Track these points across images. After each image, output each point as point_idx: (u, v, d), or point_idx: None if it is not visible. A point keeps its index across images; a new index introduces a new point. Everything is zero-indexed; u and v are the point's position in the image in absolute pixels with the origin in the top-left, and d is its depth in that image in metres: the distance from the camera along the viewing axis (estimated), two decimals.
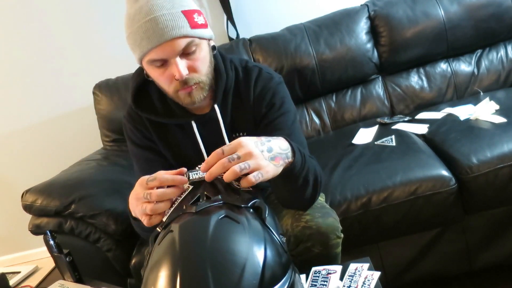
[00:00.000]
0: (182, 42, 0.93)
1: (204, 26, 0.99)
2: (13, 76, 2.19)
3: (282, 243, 0.67)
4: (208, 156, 0.97)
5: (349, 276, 0.91)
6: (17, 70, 2.18)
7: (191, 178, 0.80)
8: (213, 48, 1.06)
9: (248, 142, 0.80)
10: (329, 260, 1.02)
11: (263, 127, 1.11)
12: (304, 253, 1.01)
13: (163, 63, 0.96)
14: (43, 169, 2.11)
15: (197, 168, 0.83)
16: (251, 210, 0.69)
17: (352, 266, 0.93)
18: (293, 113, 1.14)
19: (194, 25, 0.95)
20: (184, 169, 0.81)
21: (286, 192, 1.02)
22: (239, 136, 1.09)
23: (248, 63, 1.17)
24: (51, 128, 2.26)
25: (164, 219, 0.75)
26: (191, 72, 0.97)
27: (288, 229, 1.04)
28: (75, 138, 2.24)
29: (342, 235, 1.05)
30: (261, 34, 1.97)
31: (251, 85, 1.12)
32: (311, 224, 1.01)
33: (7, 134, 2.29)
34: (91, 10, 2.10)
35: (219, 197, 0.69)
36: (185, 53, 0.96)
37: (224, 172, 0.76)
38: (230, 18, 2.07)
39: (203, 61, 1.00)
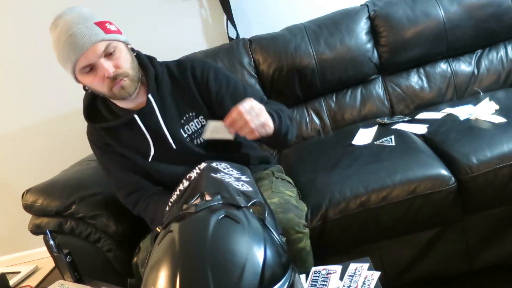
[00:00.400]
0: (101, 46, 1.11)
1: (117, 32, 1.17)
2: (13, 76, 2.20)
3: (282, 243, 0.67)
4: (153, 143, 1.26)
5: (349, 276, 0.91)
6: (17, 70, 2.18)
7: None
8: (132, 50, 1.23)
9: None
10: (294, 256, 1.06)
11: (220, 100, 1.28)
12: None
13: (91, 67, 1.13)
14: (44, 169, 2.11)
15: None
16: (251, 210, 0.69)
17: (352, 266, 0.93)
18: (239, 80, 1.36)
19: (107, 31, 1.13)
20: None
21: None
22: (190, 116, 1.28)
23: (180, 59, 1.36)
24: (51, 128, 2.26)
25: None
26: (117, 69, 1.14)
27: None
28: (75, 138, 2.23)
29: (305, 231, 1.13)
30: (261, 34, 1.97)
31: (188, 73, 1.28)
32: None
33: (7, 134, 2.29)
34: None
35: (219, 197, 0.69)
36: (107, 54, 1.12)
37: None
38: (230, 18, 2.07)
39: (125, 59, 1.16)
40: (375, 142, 1.62)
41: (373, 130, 1.74)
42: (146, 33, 2.12)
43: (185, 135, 1.28)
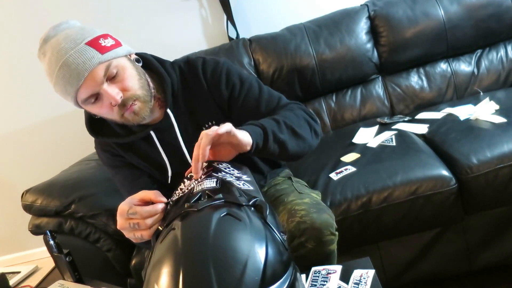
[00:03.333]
0: (100, 70, 0.94)
1: (115, 46, 0.99)
2: (13, 76, 2.19)
3: (283, 241, 0.67)
4: (170, 163, 1.12)
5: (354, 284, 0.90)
6: (17, 70, 2.18)
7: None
8: (137, 61, 1.06)
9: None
10: (323, 257, 1.03)
11: (237, 112, 1.12)
12: (298, 248, 1.03)
13: (96, 96, 0.97)
14: (43, 169, 2.11)
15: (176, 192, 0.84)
16: (252, 208, 0.69)
17: (357, 273, 0.92)
18: (254, 80, 1.15)
19: (103, 50, 0.96)
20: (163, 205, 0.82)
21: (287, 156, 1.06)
22: (210, 126, 1.11)
23: (189, 57, 1.17)
24: (51, 128, 2.26)
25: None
26: (124, 93, 0.98)
27: (284, 225, 1.06)
28: (75, 138, 2.23)
29: (336, 233, 1.06)
30: (261, 34, 1.97)
31: (200, 74, 1.12)
32: (305, 219, 1.03)
33: (7, 134, 2.29)
34: (90, 10, 2.10)
35: (220, 195, 0.69)
36: (110, 78, 0.96)
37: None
38: (230, 18, 2.07)
39: (130, 77, 1.00)
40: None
41: (373, 130, 1.74)
42: (146, 33, 2.13)
43: None
